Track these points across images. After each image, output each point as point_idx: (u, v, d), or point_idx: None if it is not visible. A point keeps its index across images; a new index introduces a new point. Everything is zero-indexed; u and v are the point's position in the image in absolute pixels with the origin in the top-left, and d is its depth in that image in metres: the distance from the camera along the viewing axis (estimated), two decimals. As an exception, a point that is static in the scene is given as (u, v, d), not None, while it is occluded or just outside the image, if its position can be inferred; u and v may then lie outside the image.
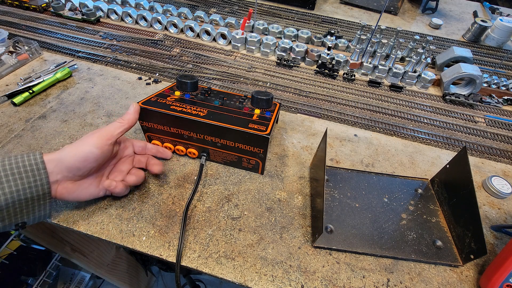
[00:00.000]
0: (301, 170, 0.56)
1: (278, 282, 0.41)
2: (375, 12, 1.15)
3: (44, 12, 0.94)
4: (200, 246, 0.43)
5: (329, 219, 0.47)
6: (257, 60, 0.83)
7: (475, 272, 0.44)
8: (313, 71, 0.81)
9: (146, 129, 0.53)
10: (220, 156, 0.53)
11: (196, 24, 0.86)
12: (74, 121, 0.61)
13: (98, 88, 0.69)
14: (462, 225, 0.44)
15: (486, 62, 0.92)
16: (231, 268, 0.42)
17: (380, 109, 0.71)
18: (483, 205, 0.53)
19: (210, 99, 0.54)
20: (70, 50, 0.79)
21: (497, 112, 0.74)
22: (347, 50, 0.88)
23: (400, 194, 0.52)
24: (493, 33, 0.99)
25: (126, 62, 0.78)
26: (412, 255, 0.44)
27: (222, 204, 0.49)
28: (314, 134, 0.63)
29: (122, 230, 0.44)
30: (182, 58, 0.81)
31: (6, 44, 0.74)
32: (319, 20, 1.04)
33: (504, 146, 0.65)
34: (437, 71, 0.84)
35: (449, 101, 0.76)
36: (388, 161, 0.59)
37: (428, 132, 0.66)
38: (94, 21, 0.89)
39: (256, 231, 0.46)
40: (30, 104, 0.63)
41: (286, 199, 0.50)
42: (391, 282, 0.42)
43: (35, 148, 0.54)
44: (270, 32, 0.89)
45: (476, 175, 0.58)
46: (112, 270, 0.99)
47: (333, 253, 0.44)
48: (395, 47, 0.82)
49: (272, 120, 0.50)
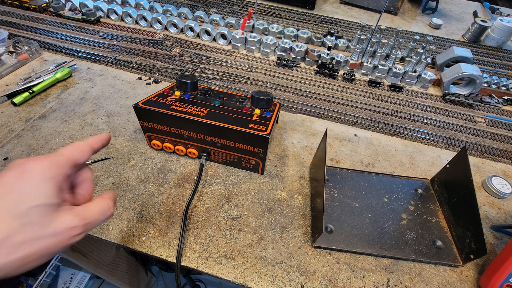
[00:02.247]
0: (301, 170, 0.56)
1: (278, 282, 0.41)
2: (375, 12, 1.15)
3: (44, 12, 0.94)
4: (200, 246, 0.43)
5: (329, 219, 0.47)
6: (257, 60, 0.83)
7: (475, 272, 0.44)
8: (313, 71, 0.81)
9: (146, 129, 0.53)
10: (220, 156, 0.53)
11: (196, 24, 0.86)
12: (74, 121, 0.61)
13: (98, 88, 0.69)
14: (462, 225, 0.44)
15: (486, 62, 0.92)
16: (231, 268, 0.42)
17: (380, 109, 0.71)
18: (483, 205, 0.53)
19: (210, 99, 0.54)
20: (70, 50, 0.79)
21: (497, 112, 0.74)
22: (347, 50, 0.88)
23: (400, 194, 0.52)
24: (493, 33, 0.99)
25: (126, 62, 0.78)
26: (412, 255, 0.44)
27: (222, 204, 0.49)
28: (314, 134, 0.63)
29: (122, 230, 0.44)
30: (182, 58, 0.81)
31: (6, 44, 0.74)
32: (319, 20, 1.04)
33: (504, 146, 0.65)
34: (437, 71, 0.84)
35: (449, 101, 0.76)
36: (388, 161, 0.59)
37: (428, 132, 0.66)
38: (94, 21, 0.89)
39: (256, 231, 0.46)
40: (30, 104, 0.63)
41: (286, 199, 0.50)
42: (391, 282, 0.42)
43: (35, 148, 0.54)
44: (270, 32, 0.89)
45: (476, 175, 0.58)
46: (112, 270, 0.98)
47: (333, 253, 0.44)
48: (395, 47, 0.82)
49: (272, 120, 0.50)
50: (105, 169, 0.52)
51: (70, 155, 0.29)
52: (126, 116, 0.63)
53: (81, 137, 0.57)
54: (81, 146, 0.30)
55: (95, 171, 0.52)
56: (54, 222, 0.24)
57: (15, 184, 0.24)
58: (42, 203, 0.24)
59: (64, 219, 0.25)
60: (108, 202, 0.30)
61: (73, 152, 0.29)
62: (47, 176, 0.25)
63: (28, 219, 0.23)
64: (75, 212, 0.26)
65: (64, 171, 0.27)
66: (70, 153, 0.29)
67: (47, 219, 0.24)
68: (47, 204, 0.24)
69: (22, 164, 0.25)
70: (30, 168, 0.25)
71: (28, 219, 0.23)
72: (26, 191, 0.24)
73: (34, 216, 0.24)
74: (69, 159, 0.28)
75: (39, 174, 0.25)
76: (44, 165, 0.26)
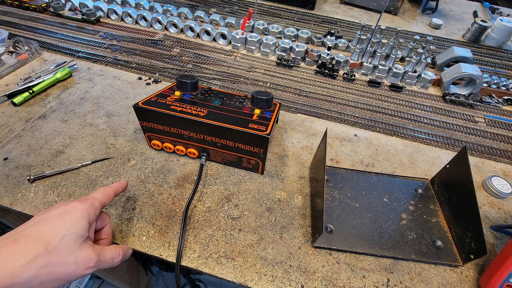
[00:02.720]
0: (301, 170, 0.56)
1: (278, 282, 0.41)
2: (375, 12, 1.15)
3: (44, 12, 0.94)
4: (200, 246, 0.43)
5: (329, 219, 0.47)
6: (257, 60, 0.83)
7: (475, 272, 0.44)
8: (313, 71, 0.81)
9: (146, 129, 0.53)
10: (220, 156, 0.53)
11: (196, 24, 0.86)
12: (74, 121, 0.60)
13: (98, 88, 0.69)
14: (462, 225, 0.44)
15: (486, 62, 0.92)
16: (231, 268, 0.42)
17: (380, 109, 0.71)
18: (483, 205, 0.53)
19: (210, 99, 0.54)
20: (70, 50, 0.79)
21: (497, 112, 0.74)
22: (347, 50, 0.88)
23: (400, 194, 0.52)
24: (493, 33, 0.99)
25: (126, 62, 0.78)
26: (412, 255, 0.44)
27: (222, 204, 0.49)
28: (314, 134, 0.63)
29: (122, 230, 0.44)
30: (182, 58, 0.81)
31: (6, 44, 0.74)
32: (319, 20, 1.04)
33: (504, 146, 0.65)
34: (437, 71, 0.84)
35: (449, 101, 0.76)
36: (388, 161, 0.59)
37: (428, 132, 0.66)
38: (94, 21, 0.89)
39: (256, 231, 0.46)
40: (30, 104, 0.63)
41: (286, 199, 0.50)
42: (391, 282, 0.42)
43: (35, 148, 0.54)
44: (270, 32, 0.89)
45: (476, 175, 0.58)
46: (112, 270, 0.98)
47: (333, 253, 0.44)
48: (395, 47, 0.82)
49: (272, 120, 0.50)
50: (105, 169, 0.52)
51: (102, 199, 0.36)
52: (126, 116, 0.63)
53: (81, 137, 0.57)
54: (109, 192, 0.38)
55: (95, 171, 0.52)
56: (78, 250, 0.31)
57: (63, 215, 0.32)
58: (77, 232, 0.31)
59: (85, 250, 0.31)
60: (120, 251, 0.36)
61: (104, 197, 0.37)
62: (85, 214, 0.33)
63: (63, 243, 0.29)
64: (94, 248, 0.33)
65: (96, 212, 0.35)
66: (101, 197, 0.37)
67: (75, 246, 0.30)
68: (79, 234, 0.31)
69: (70, 203, 0.33)
70: (76, 206, 0.33)
71: (63, 243, 0.30)
72: (69, 222, 0.31)
73: (68, 242, 0.30)
74: (102, 203, 0.36)
75: (80, 211, 0.33)
76: (85, 206, 0.33)
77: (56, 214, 0.32)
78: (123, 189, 0.42)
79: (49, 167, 0.52)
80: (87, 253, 0.31)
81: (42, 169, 0.51)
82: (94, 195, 0.36)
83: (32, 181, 0.49)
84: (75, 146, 0.55)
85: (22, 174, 0.50)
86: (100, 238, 0.38)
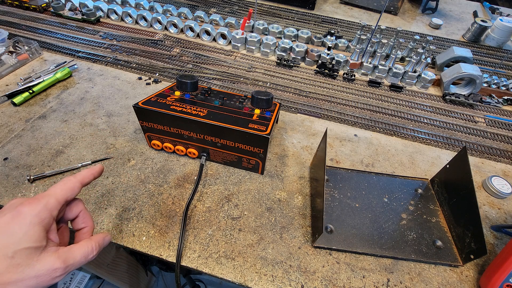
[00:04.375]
0: (301, 170, 0.56)
1: (278, 282, 0.41)
2: (375, 12, 1.15)
3: (44, 12, 0.94)
4: (200, 246, 0.43)
5: (329, 219, 0.47)
6: (257, 60, 0.83)
7: (475, 272, 0.44)
8: (313, 71, 0.81)
9: (146, 129, 0.53)
10: (220, 156, 0.53)
11: (196, 24, 0.86)
12: (74, 121, 0.61)
13: (98, 88, 0.69)
14: (462, 225, 0.44)
15: (486, 62, 0.92)
16: (231, 268, 0.42)
17: (380, 109, 0.71)
18: (483, 205, 0.53)
19: (210, 99, 0.54)
20: (70, 50, 0.79)
21: (497, 112, 0.74)
22: (347, 50, 0.88)
23: (400, 194, 0.52)
24: (493, 33, 0.99)
25: (126, 62, 0.78)
26: (412, 255, 0.44)
27: (222, 204, 0.49)
28: (314, 134, 0.63)
29: (122, 230, 0.44)
30: (182, 58, 0.81)
31: (6, 44, 0.74)
32: (319, 20, 1.04)
33: (504, 146, 0.65)
34: (437, 71, 0.84)
35: (449, 101, 0.76)
36: (388, 161, 0.59)
37: (428, 132, 0.66)
38: (94, 21, 0.89)
39: (256, 231, 0.46)
40: (30, 104, 0.63)
41: (286, 199, 0.50)
42: (391, 282, 0.42)
43: (35, 148, 0.54)
44: (270, 32, 0.89)
45: (476, 175, 0.58)
46: (112, 270, 0.98)
47: (333, 253, 0.44)
48: (395, 47, 0.82)
49: (272, 120, 0.50)
50: (105, 169, 0.52)
51: (60, 195, 0.30)
52: (126, 116, 0.63)
53: (81, 137, 0.57)
54: (71, 183, 0.32)
55: (95, 171, 0.52)
56: (37, 264, 0.26)
57: (7, 226, 0.26)
58: (29, 246, 0.26)
59: (46, 262, 0.27)
60: (93, 245, 0.31)
61: (64, 191, 0.31)
62: (37, 220, 0.27)
63: (15, 261, 0.25)
64: (58, 254, 0.28)
65: (53, 213, 0.29)
66: (60, 192, 0.31)
67: (32, 261, 0.26)
68: (33, 247, 0.26)
69: (17, 207, 0.27)
70: (23, 212, 0.27)
71: (16, 261, 0.25)
72: (17, 234, 0.26)
73: (21, 258, 0.25)
74: (60, 200, 0.30)
75: (30, 218, 0.27)
76: (35, 210, 0.27)
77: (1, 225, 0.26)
78: (94, 176, 0.35)
79: (49, 167, 0.52)
80: (49, 263, 0.27)
81: (42, 169, 0.51)
82: (51, 191, 0.30)
83: (32, 181, 0.49)
84: (75, 146, 0.55)
85: (22, 174, 0.50)
86: (79, 228, 0.34)
